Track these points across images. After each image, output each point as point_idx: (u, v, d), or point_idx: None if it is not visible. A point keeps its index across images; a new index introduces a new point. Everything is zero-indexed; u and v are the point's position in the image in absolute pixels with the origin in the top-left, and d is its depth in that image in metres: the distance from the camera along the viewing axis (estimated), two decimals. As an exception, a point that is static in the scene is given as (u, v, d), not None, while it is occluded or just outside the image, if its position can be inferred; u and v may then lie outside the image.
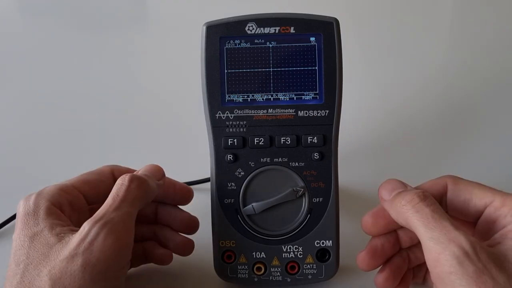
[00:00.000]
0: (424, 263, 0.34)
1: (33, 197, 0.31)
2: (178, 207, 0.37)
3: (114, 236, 0.29)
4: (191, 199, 0.37)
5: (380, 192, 0.33)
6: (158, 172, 0.35)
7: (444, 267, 0.26)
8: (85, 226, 0.29)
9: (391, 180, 0.33)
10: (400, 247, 0.34)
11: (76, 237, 0.29)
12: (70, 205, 0.32)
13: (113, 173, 0.35)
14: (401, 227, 0.33)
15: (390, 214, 0.31)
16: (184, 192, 0.37)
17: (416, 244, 0.34)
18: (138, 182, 0.32)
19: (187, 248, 0.37)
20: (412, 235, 0.33)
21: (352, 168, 0.37)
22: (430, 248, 0.28)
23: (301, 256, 0.35)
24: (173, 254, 0.36)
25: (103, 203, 0.33)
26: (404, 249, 0.34)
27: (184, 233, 0.37)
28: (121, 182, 0.32)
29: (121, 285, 0.30)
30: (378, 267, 0.33)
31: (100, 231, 0.29)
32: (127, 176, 0.32)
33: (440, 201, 0.31)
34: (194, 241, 0.37)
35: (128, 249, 0.30)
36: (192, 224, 0.37)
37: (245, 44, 0.34)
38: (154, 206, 0.37)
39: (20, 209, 0.31)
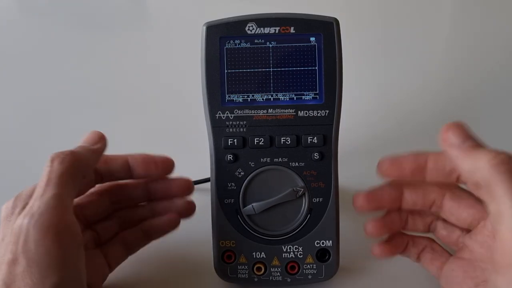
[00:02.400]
0: (421, 241, 0.34)
1: (12, 200, 0.31)
2: (169, 177, 0.37)
3: (45, 225, 0.27)
4: (173, 167, 0.37)
5: (446, 136, 0.29)
6: (92, 137, 0.34)
7: None
8: (17, 223, 0.28)
9: (459, 125, 0.29)
10: (399, 206, 0.33)
11: (12, 237, 0.27)
12: None
13: None
14: (409, 187, 0.33)
15: (459, 162, 0.28)
16: (165, 163, 0.36)
17: (419, 212, 0.34)
18: (60, 159, 0.30)
19: (191, 208, 0.37)
20: (417, 200, 0.33)
21: (352, 168, 0.37)
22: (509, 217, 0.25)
23: (301, 256, 0.35)
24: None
25: (82, 192, 0.34)
26: (405, 212, 0.34)
27: (182, 196, 0.37)
28: (46, 165, 0.30)
29: (80, 271, 0.29)
30: (369, 210, 0.33)
31: (29, 226, 0.27)
32: (49, 156, 0.30)
33: None
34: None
35: (69, 230, 0.28)
36: (188, 186, 0.37)
37: (245, 44, 0.34)
38: (142, 185, 0.37)
39: (2, 213, 0.30)
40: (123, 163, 0.36)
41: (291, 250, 0.35)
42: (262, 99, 0.35)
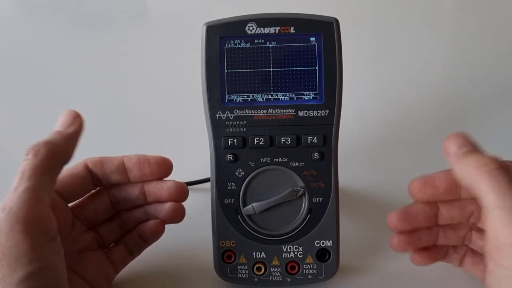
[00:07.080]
0: (462, 246, 0.34)
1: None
2: (163, 180, 0.36)
3: (13, 219, 0.27)
4: (171, 168, 0.36)
5: (446, 145, 0.31)
6: (66, 120, 0.32)
7: (507, 238, 0.26)
8: None
9: (459, 134, 0.31)
10: (435, 223, 0.33)
11: None
12: None
13: (86, 164, 0.35)
14: (445, 202, 0.32)
15: (455, 169, 0.30)
16: (161, 164, 0.35)
17: (453, 226, 0.34)
18: (34, 151, 0.30)
19: (178, 212, 0.35)
20: (455, 214, 0.33)
21: (352, 168, 0.37)
22: (497, 216, 0.27)
23: (301, 256, 0.35)
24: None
25: (79, 195, 0.34)
26: (436, 227, 0.34)
27: (174, 201, 0.36)
28: (23, 158, 0.30)
29: (53, 264, 0.28)
30: (403, 230, 0.33)
31: (2, 222, 0.27)
32: (26, 149, 0.30)
33: None
34: (185, 207, 0.35)
35: (39, 223, 0.28)
36: (180, 189, 0.35)
37: (245, 44, 0.34)
38: (139, 186, 0.36)
39: None
40: (119, 164, 0.35)
41: (291, 250, 0.35)
42: (262, 99, 0.35)
